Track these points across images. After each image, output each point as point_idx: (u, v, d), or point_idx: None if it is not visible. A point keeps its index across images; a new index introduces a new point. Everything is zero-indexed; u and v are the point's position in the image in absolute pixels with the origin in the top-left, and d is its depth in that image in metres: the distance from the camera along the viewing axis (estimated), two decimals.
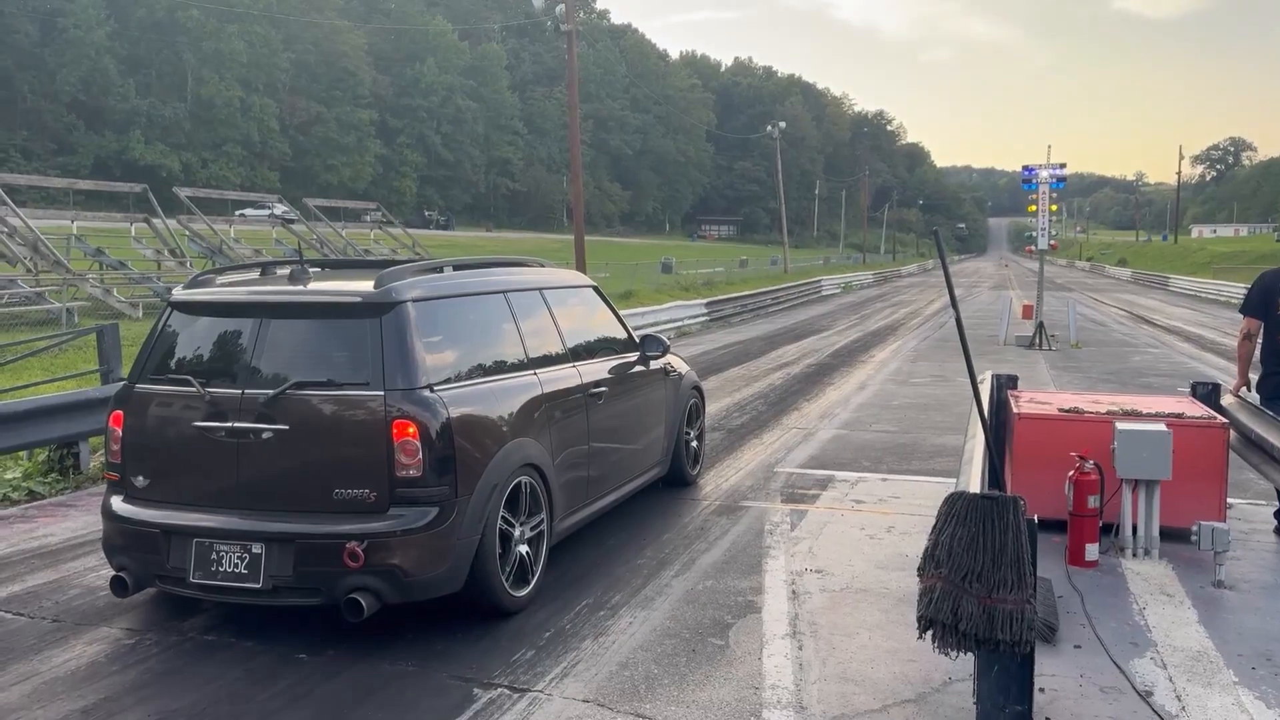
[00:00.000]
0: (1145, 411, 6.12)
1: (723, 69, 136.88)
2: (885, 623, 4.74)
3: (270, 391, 4.20)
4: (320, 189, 68.10)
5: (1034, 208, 17.82)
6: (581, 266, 25.18)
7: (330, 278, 4.88)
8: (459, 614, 4.71)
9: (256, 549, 4.11)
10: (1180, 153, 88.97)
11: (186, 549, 4.22)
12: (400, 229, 40.17)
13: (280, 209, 35.26)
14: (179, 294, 4.68)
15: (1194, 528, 5.24)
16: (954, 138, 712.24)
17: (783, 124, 57.96)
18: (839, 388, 13.33)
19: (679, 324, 22.19)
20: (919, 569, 3.52)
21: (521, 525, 4.65)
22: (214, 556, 4.18)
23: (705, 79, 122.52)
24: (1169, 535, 5.73)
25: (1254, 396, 6.33)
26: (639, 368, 6.23)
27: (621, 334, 6.28)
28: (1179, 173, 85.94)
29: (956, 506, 3.55)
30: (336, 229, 34.49)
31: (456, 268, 5.01)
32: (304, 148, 75.21)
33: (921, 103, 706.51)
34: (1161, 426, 5.68)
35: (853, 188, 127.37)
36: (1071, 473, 5.63)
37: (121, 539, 4.36)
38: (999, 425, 6.73)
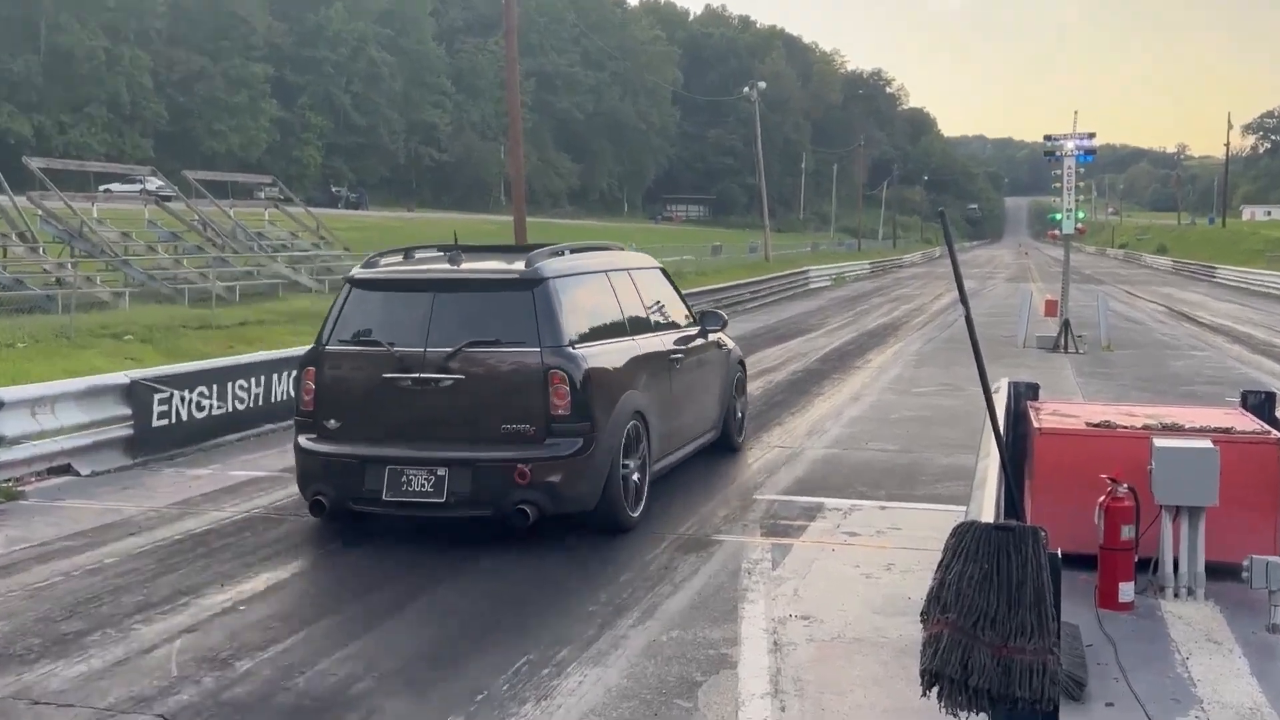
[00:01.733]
0: (1188, 426, 6.23)
1: (691, 18, 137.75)
2: (884, 677, 4.78)
3: (449, 349, 6.53)
4: (204, 159, 67.17)
5: (1059, 185, 18.09)
6: None
7: (479, 259, 7.33)
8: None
9: (440, 472, 6.43)
10: (1229, 121, 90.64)
11: (380, 474, 6.50)
12: (301, 208, 39.80)
13: (154, 183, 34.74)
14: (359, 274, 7.12)
15: (1245, 563, 5.30)
16: (965, 103, 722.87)
17: (762, 84, 58.21)
18: (829, 398, 13.46)
19: None
20: (923, 613, 3.55)
21: (632, 461, 7.06)
22: (404, 479, 6.46)
23: (670, 30, 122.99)
24: (1216, 572, 5.73)
25: None
26: (699, 340, 8.81)
27: (683, 309, 8.97)
28: (1227, 144, 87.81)
29: (966, 539, 3.58)
30: (223, 207, 34.07)
31: (572, 251, 7.50)
32: (184, 109, 74.23)
33: (927, 61, 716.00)
34: (1207, 443, 5.78)
35: (845, 161, 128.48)
36: (1102, 498, 5.72)
37: (320, 469, 6.65)
38: (1016, 442, 6.82)
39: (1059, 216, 18.33)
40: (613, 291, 7.67)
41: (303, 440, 6.94)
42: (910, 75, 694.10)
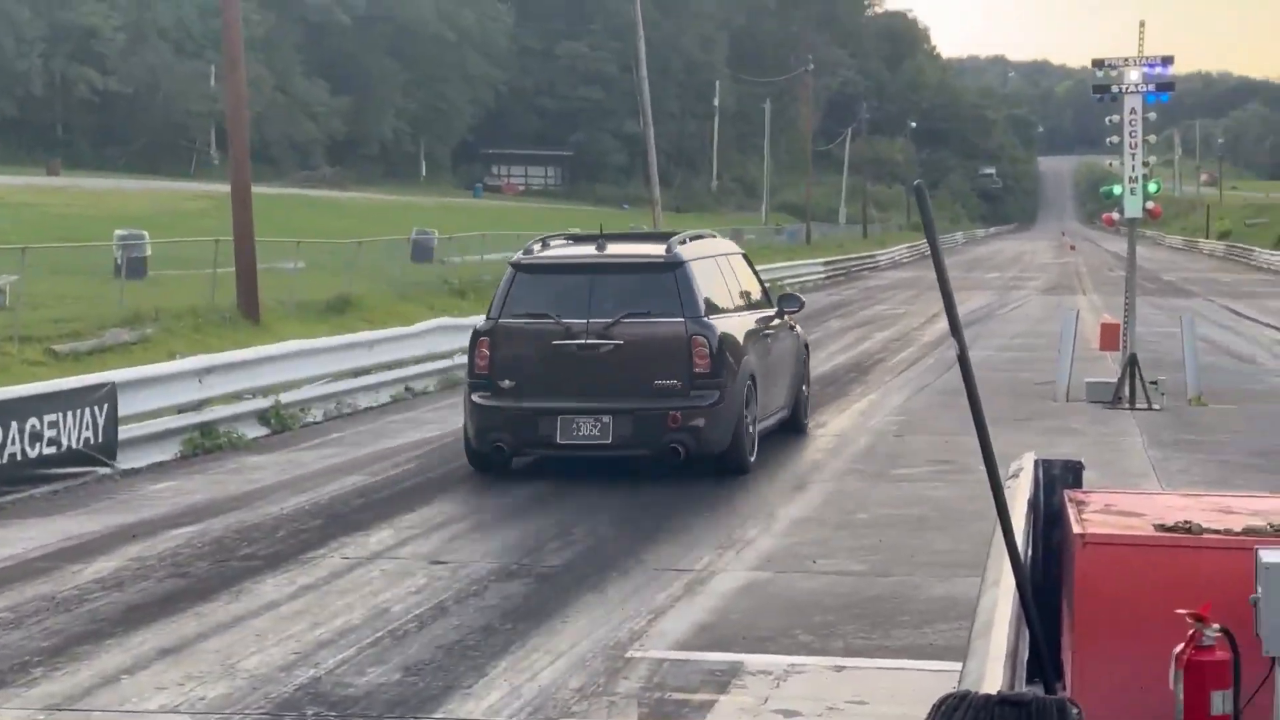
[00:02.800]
0: None
1: None
2: None
3: (609, 320, 13.50)
4: None
5: (1118, 140, 18.72)
6: (243, 250, 25.00)
7: (621, 244, 15.22)
8: None
9: (605, 419, 13.32)
10: None
11: (554, 423, 13.41)
12: None
13: None
14: (523, 259, 14.35)
15: None
16: (973, 6, 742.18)
17: None
18: (754, 489, 13.68)
19: (438, 365, 22.29)
20: None
21: (749, 415, 14.00)
22: (574, 426, 13.40)
23: None
24: None
25: None
26: (777, 320, 15.82)
27: (761, 291, 16.20)
28: None
29: None
30: None
31: (691, 239, 15.09)
32: None
33: None
34: None
35: (785, 97, 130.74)
36: (1181, 647, 5.86)
37: (500, 421, 13.46)
38: (1049, 557, 6.98)
39: (1118, 190, 18.94)
40: (721, 274, 15.01)
41: (476, 398, 13.72)
42: None
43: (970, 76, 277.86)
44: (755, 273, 16.57)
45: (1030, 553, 7.70)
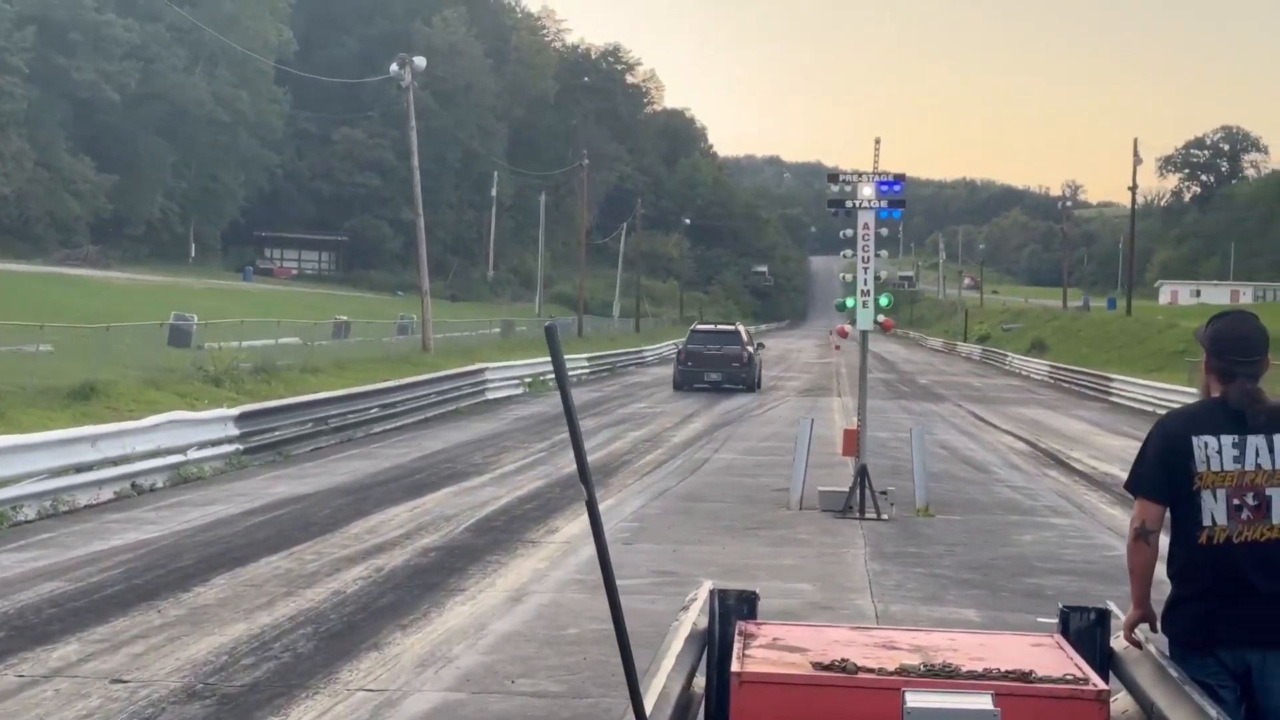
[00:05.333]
0: (967, 668, 6.43)
1: None
2: None
3: (718, 348, 54.21)
4: None
5: (850, 254, 19.02)
6: None
7: (716, 323, 64.65)
8: None
9: (716, 375, 54.01)
10: (1136, 151, 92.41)
11: (701, 376, 53.55)
12: None
13: None
14: (698, 327, 59.64)
15: None
16: (750, 108, 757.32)
17: (420, 60, 58.87)
18: (473, 598, 13.48)
19: (169, 460, 21.71)
20: None
21: (760, 377, 56.77)
22: (709, 377, 53.47)
23: None
24: None
25: (1160, 639, 6.83)
26: (751, 348, 54.24)
27: (749, 338, 56.43)
28: (1134, 187, 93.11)
29: None
30: None
31: (738, 323, 61.53)
32: None
33: (692, 38, 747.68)
34: (986, 701, 5.96)
35: (563, 189, 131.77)
36: None
37: (685, 376, 52.44)
38: (721, 692, 6.87)
39: (851, 303, 19.24)
40: (745, 334, 54.84)
41: (676, 367, 53.10)
42: (667, 58, 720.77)
43: (747, 175, 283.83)
44: (748, 331, 57.64)
45: (705, 687, 7.60)
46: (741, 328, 56.14)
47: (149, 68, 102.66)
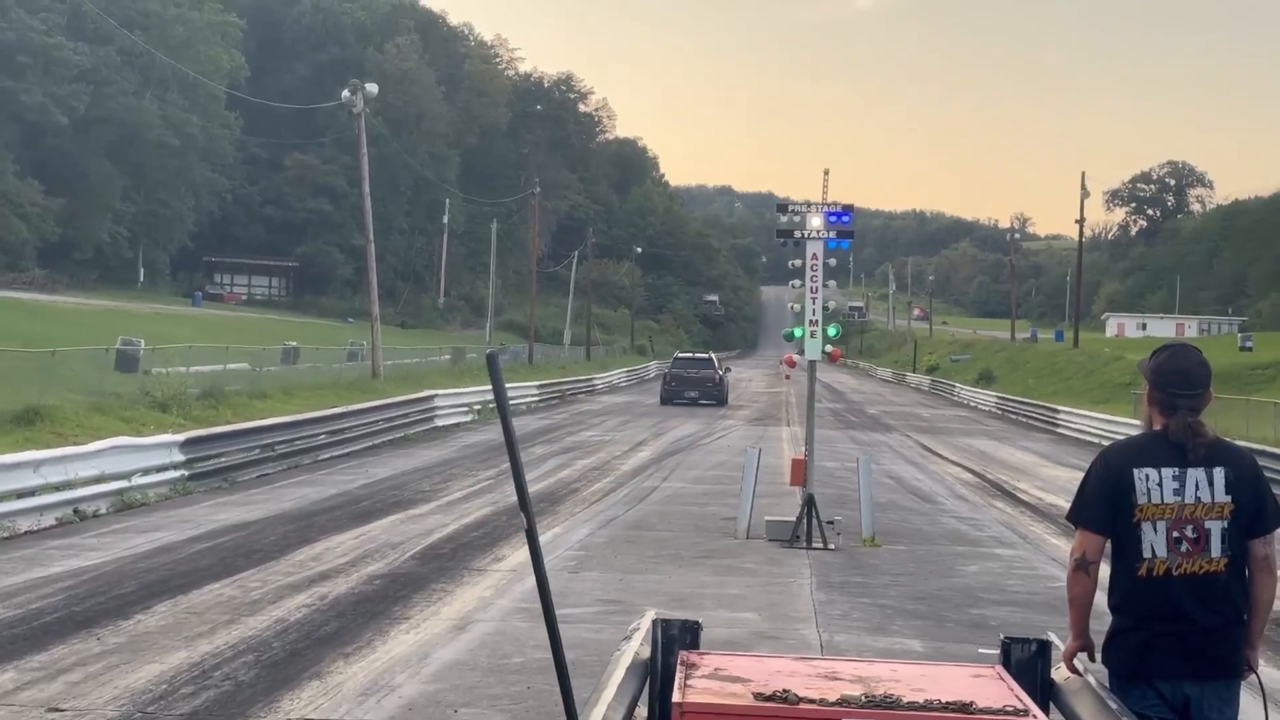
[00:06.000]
0: (907, 699, 6.41)
1: None
2: None
3: (698, 370, 70.26)
4: None
5: (800, 284, 19.05)
6: None
7: (696, 351, 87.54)
8: None
9: (694, 393, 67.35)
10: (1084, 185, 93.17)
11: (682, 394, 66.94)
12: None
13: None
14: (676, 356, 77.91)
15: None
16: (701, 137, 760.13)
17: (372, 87, 58.82)
18: (418, 626, 13.42)
19: (114, 485, 21.54)
20: None
21: (728, 395, 70.90)
22: (688, 395, 68.15)
23: None
24: None
25: (1100, 669, 6.83)
26: (720, 372, 68.87)
27: (719, 363, 73.34)
28: (1081, 221, 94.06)
29: None
30: None
31: (710, 351, 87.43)
32: None
33: (644, 68, 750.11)
34: None
35: (515, 217, 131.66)
36: None
37: (669, 394, 66.14)
38: None
39: (799, 333, 19.26)
40: (716, 360, 71.98)
41: (665, 385, 66.42)
42: (619, 88, 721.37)
43: (698, 204, 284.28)
44: (718, 358, 75.26)
45: (647, 717, 7.57)
46: (713, 355, 74.61)
47: (99, 91, 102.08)
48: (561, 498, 24.94)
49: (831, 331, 19.37)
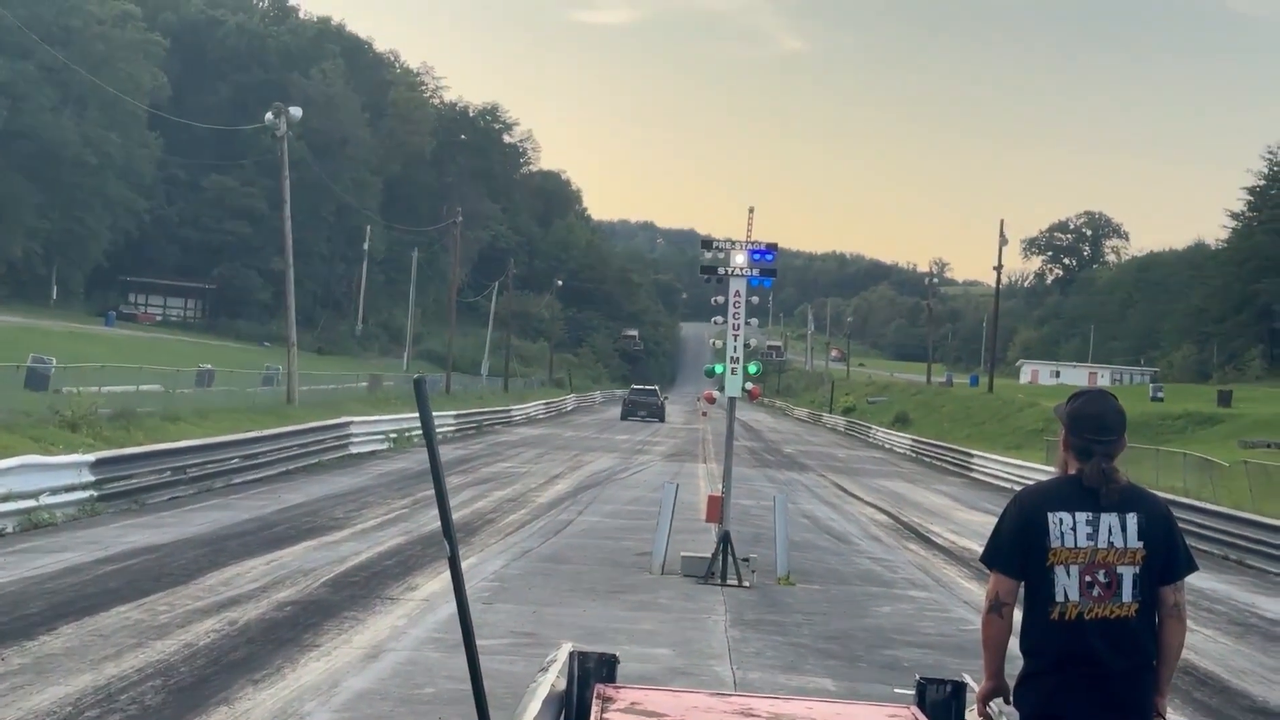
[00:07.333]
0: None
1: None
2: None
3: (650, 396, 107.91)
4: None
5: (721, 321, 19.15)
6: None
7: (646, 383, 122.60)
8: None
9: (644, 413, 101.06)
10: (1002, 232, 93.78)
11: (635, 410, 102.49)
12: None
13: None
14: (634, 388, 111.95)
15: None
16: (625, 173, 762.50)
17: (296, 110, 58.54)
18: (329, 655, 13.35)
19: (26, 503, 21.28)
20: None
21: (669, 410, 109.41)
22: (639, 412, 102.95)
23: (151, 9, 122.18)
24: None
25: (1013, 712, 6.91)
26: (661, 399, 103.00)
27: (660, 395, 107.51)
28: (999, 267, 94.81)
29: None
30: None
31: (654, 386, 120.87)
32: None
33: (570, 102, 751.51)
34: None
35: (436, 245, 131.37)
36: None
37: (629, 410, 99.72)
38: None
39: (720, 369, 19.35)
40: (657, 391, 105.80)
41: (625, 405, 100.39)
42: (545, 120, 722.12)
43: (621, 239, 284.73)
44: (659, 389, 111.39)
45: None
46: (657, 388, 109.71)
47: (16, 105, 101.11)
48: (477, 529, 24.85)
49: (752, 369, 19.50)
